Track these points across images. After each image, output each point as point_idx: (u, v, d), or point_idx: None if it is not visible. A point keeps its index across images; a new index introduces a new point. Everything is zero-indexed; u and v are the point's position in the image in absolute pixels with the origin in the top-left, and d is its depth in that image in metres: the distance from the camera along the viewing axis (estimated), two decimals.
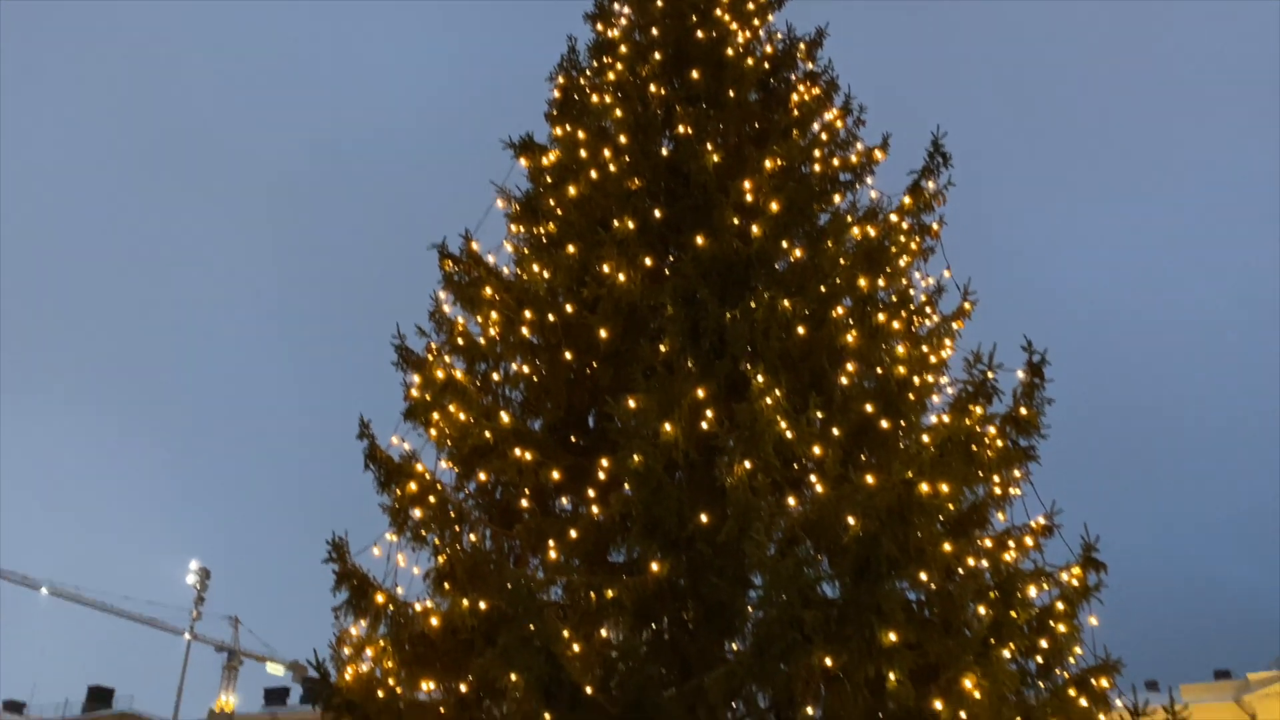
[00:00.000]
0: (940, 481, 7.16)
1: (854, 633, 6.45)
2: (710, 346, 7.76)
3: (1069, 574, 8.07)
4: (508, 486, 8.33)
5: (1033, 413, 8.32)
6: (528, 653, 6.31)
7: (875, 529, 6.65)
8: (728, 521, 7.07)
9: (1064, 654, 8.05)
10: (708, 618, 7.60)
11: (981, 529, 8.48)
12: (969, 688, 6.24)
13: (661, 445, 7.29)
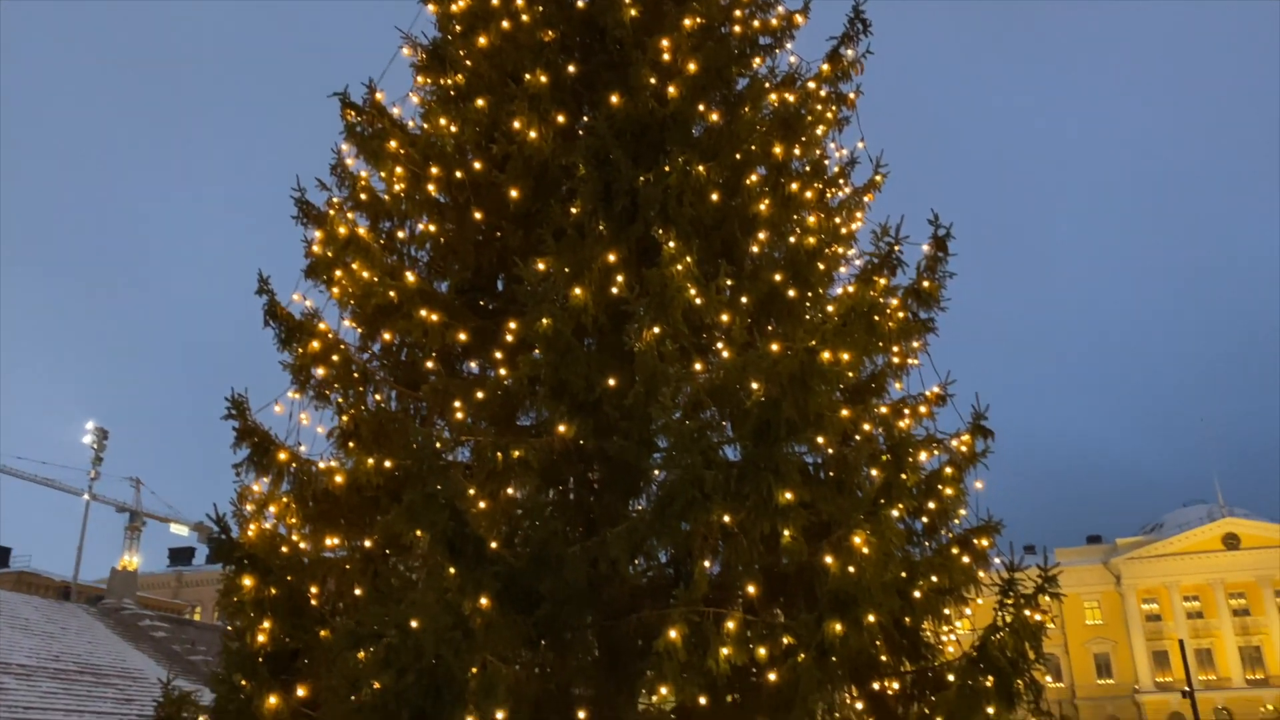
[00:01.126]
0: (842, 350, 7.32)
1: (752, 492, 6.66)
2: (622, 210, 7.66)
3: (958, 441, 8.45)
4: (413, 348, 8.24)
5: (934, 285, 8.52)
6: (433, 509, 6.36)
7: (777, 394, 6.80)
8: (635, 386, 7.14)
9: (949, 515, 8.50)
10: (613, 478, 7.76)
11: (879, 397, 8.77)
12: (858, 544, 6.53)
13: (570, 309, 7.26)
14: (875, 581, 6.65)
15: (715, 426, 7.40)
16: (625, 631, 7.11)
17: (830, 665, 6.45)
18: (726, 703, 7.05)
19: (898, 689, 7.66)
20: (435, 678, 5.62)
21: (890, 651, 7.86)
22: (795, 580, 7.43)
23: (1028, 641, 7.20)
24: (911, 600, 7.45)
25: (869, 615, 6.50)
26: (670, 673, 6.19)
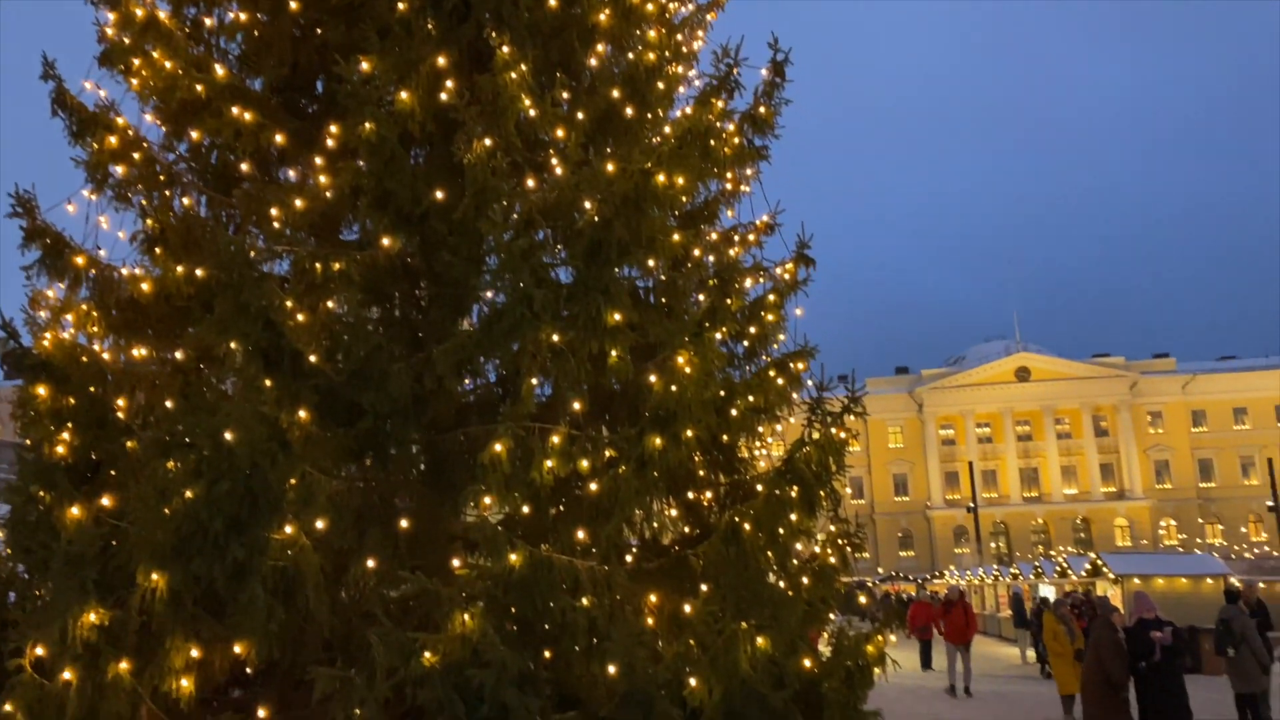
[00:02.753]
0: (677, 174, 7.28)
1: (581, 312, 6.68)
2: (453, 9, 7.18)
3: (782, 269, 8.69)
4: (224, 149, 7.65)
5: (770, 111, 8.53)
6: (245, 320, 6.09)
7: (610, 215, 6.75)
8: (465, 200, 6.92)
9: (769, 340, 8.83)
10: (440, 295, 7.60)
11: (710, 223, 8.85)
12: (681, 364, 6.71)
13: (396, 114, 6.87)
14: (695, 399, 6.89)
15: (547, 246, 7.32)
16: (451, 446, 7.16)
17: (649, 476, 6.72)
18: (550, 513, 7.29)
19: (711, 499, 8.11)
20: (250, 487, 5.52)
21: (707, 465, 8.28)
22: (621, 398, 7.62)
23: (831, 457, 7.69)
24: (729, 418, 7.79)
25: (687, 430, 6.76)
26: (494, 484, 6.30)
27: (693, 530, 8.18)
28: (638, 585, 7.25)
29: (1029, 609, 27.37)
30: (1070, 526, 72.64)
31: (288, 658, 6.13)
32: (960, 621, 18.45)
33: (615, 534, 6.97)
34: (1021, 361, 76.05)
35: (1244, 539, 66.16)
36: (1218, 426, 74.15)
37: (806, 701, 7.77)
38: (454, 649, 5.95)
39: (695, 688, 6.32)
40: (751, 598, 6.89)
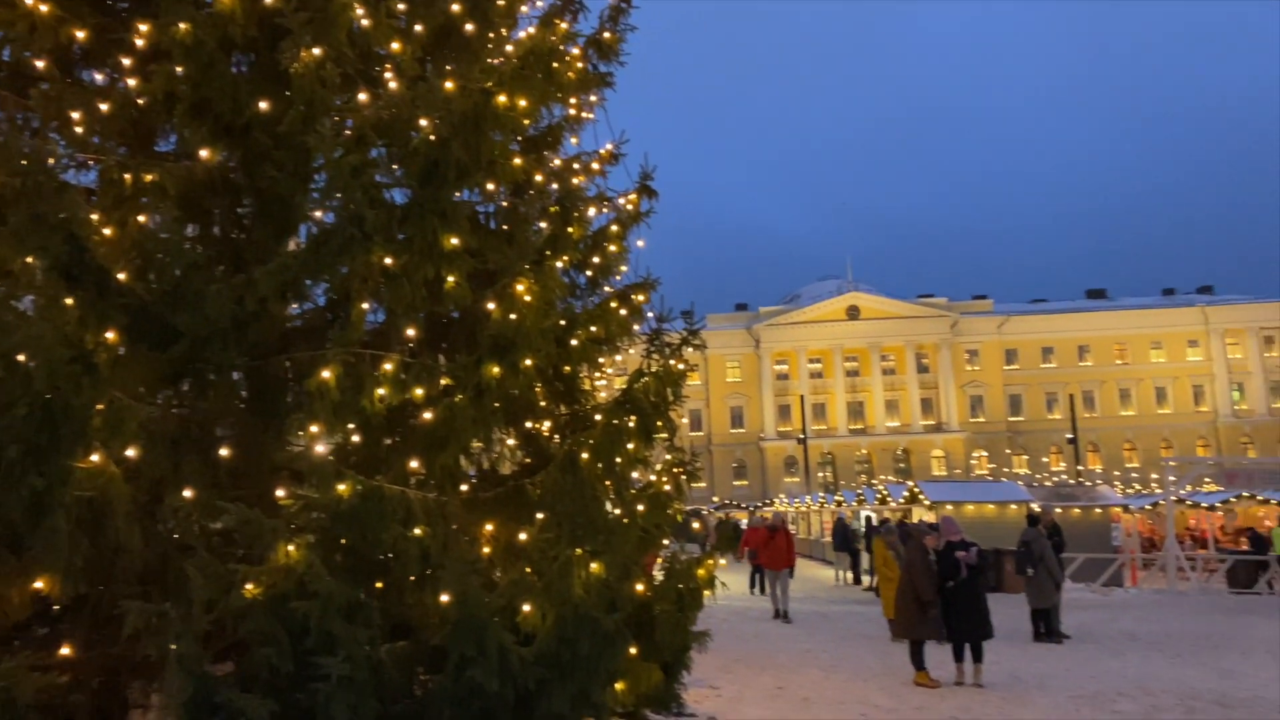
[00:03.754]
0: (519, 96, 7.07)
1: (416, 235, 6.46)
2: None
3: (625, 199, 8.65)
4: (18, 43, 6.93)
5: (615, 38, 8.39)
6: (44, 232, 5.59)
7: (448, 134, 6.51)
8: (291, 111, 6.53)
9: (611, 270, 8.81)
10: (265, 213, 7.18)
11: (553, 150, 8.69)
12: (521, 292, 6.61)
13: (216, 16, 6.39)
14: (535, 328, 6.80)
15: (381, 164, 7.01)
16: (276, 373, 6.85)
17: (486, 406, 6.63)
18: (383, 443, 7.10)
19: (551, 428, 8.10)
20: (50, 413, 5.12)
21: (548, 395, 8.24)
22: (458, 326, 7.46)
23: (669, 388, 7.80)
24: (570, 348, 7.76)
25: (526, 360, 6.68)
26: (322, 412, 6.07)
27: (532, 460, 8.16)
28: (474, 515, 7.20)
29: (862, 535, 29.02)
30: (892, 457, 76.87)
31: (98, 592, 5.80)
32: (782, 547, 18.71)
33: (451, 464, 6.87)
34: (852, 301, 79.22)
35: (1046, 468, 71.73)
36: (1027, 364, 79.65)
37: (639, 624, 7.96)
38: (278, 581, 5.75)
39: (528, 614, 6.34)
40: (587, 525, 6.95)
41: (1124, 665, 12.43)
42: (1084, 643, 14.70)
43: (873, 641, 14.08)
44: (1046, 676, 11.52)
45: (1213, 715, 9.29)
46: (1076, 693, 10.44)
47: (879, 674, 11.52)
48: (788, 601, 17.97)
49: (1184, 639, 15.18)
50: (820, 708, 9.49)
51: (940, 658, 11.18)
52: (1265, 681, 11.29)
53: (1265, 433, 76.56)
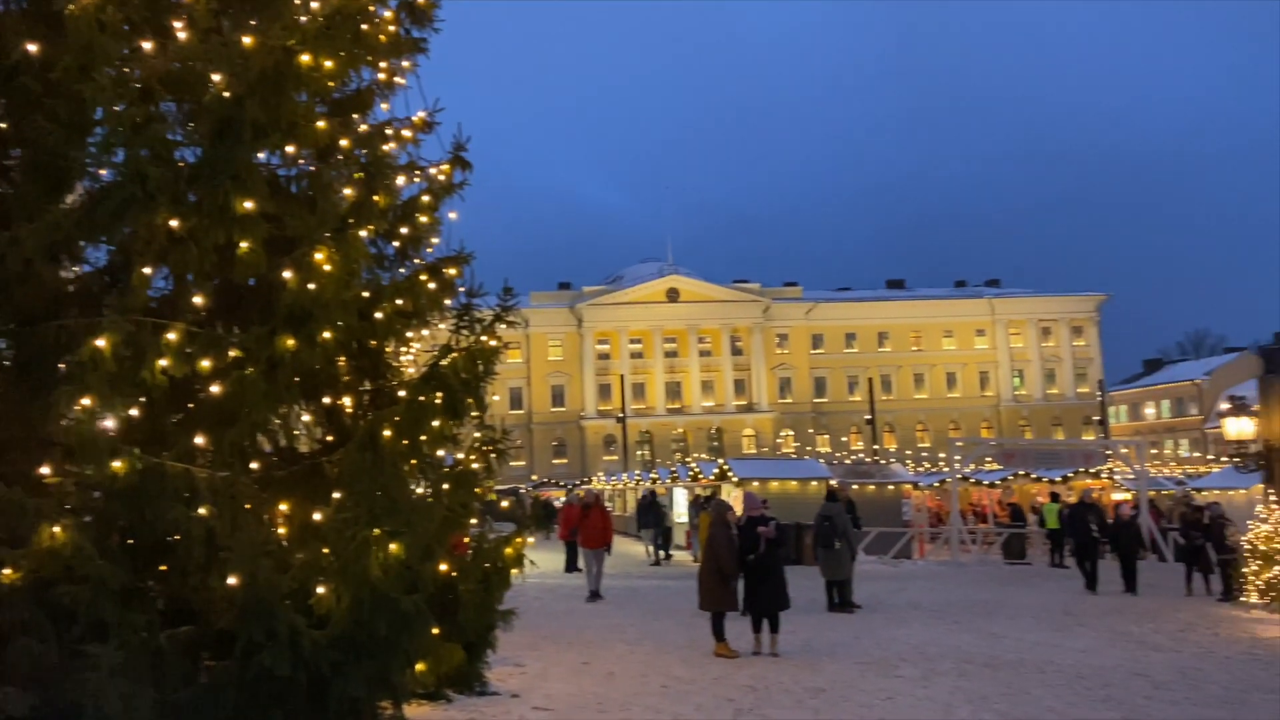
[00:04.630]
0: (324, 56, 6.77)
1: (206, 196, 6.10)
2: None
3: (438, 169, 8.45)
4: None
5: (429, 2, 8.17)
6: None
7: (243, 92, 6.16)
8: (65, 57, 6.01)
9: (422, 243, 8.59)
10: (35, 167, 6.59)
11: (362, 115, 8.38)
12: (320, 261, 6.35)
13: None
14: (335, 299, 6.57)
15: (169, 121, 6.56)
16: (45, 340, 6.32)
17: (280, 379, 6.35)
18: (168, 418, 6.69)
19: (353, 404, 7.84)
20: None
21: (351, 370, 7.96)
22: (252, 295, 7.08)
23: (480, 364, 7.69)
24: (374, 321, 7.53)
25: (325, 332, 6.44)
26: (96, 384, 5.65)
27: (334, 437, 7.88)
28: (267, 494, 6.89)
29: (666, 509, 29.72)
30: (706, 435, 79.13)
31: None
32: (597, 525, 18.19)
33: (241, 441, 6.55)
34: (672, 283, 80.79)
35: (846, 447, 75.57)
36: (832, 349, 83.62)
37: (443, 604, 7.86)
38: (43, 565, 5.34)
39: (323, 596, 6.15)
40: (388, 504, 6.78)
41: (908, 633, 13.28)
42: (874, 612, 15.59)
43: (679, 615, 14.46)
44: (837, 645, 12.17)
45: (982, 676, 10.06)
46: (863, 659, 11.07)
47: (682, 646, 11.84)
48: (600, 580, 17.62)
49: (962, 607, 16.36)
50: (623, 681, 9.66)
51: (741, 628, 11.61)
52: (1030, 644, 12.32)
53: (1041, 416, 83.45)
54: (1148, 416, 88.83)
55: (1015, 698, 9.00)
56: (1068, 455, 34.67)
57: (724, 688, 9.39)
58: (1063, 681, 9.81)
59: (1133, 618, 15.06)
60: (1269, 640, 12.76)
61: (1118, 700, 8.93)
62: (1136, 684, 9.72)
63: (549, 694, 8.91)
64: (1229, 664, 10.98)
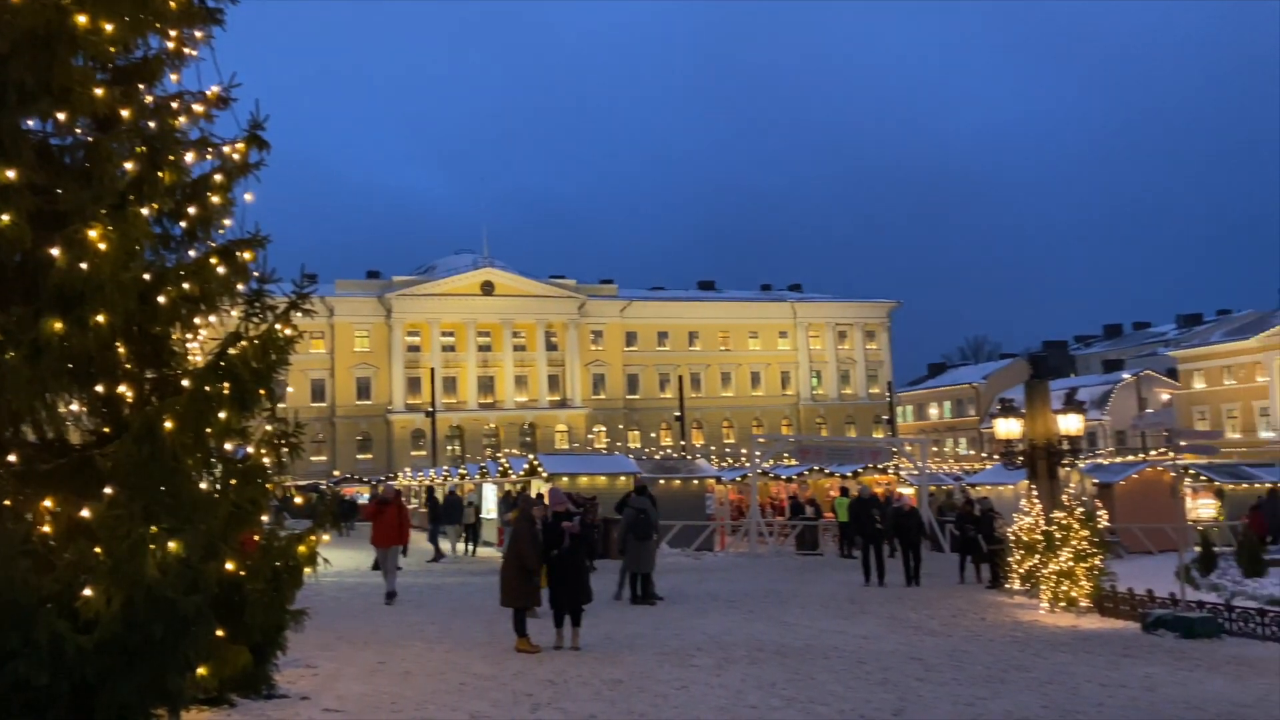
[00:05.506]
0: (103, 19, 6.32)
1: None
2: None
3: (233, 147, 8.01)
4: None
5: None
6: None
7: (6, 50, 5.65)
8: None
9: (213, 224, 8.11)
10: None
11: (149, 85, 7.83)
12: (94, 239, 5.91)
13: None
14: (112, 281, 6.13)
15: None
16: None
17: (46, 365, 5.87)
18: None
19: (132, 394, 7.33)
20: None
21: (132, 357, 7.44)
22: (16, 273, 6.51)
23: (273, 353, 7.36)
24: (156, 305, 7.07)
25: (98, 315, 6.00)
26: None
27: (110, 428, 7.34)
28: (29, 488, 6.36)
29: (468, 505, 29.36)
30: (519, 431, 78.70)
31: None
32: (392, 522, 16.82)
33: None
34: (487, 276, 79.86)
35: (655, 443, 77.06)
36: (645, 346, 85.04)
37: (229, 604, 7.46)
38: None
39: (91, 598, 5.73)
40: (168, 500, 6.40)
41: (706, 623, 13.70)
42: (675, 604, 15.99)
43: (482, 612, 14.34)
44: (637, 636, 12.40)
45: (772, 663, 10.51)
46: (662, 650, 11.34)
47: (483, 643, 11.75)
48: (394, 580, 16.59)
49: (757, 597, 17.03)
50: (420, 680, 9.49)
51: (544, 624, 11.64)
52: (818, 632, 12.97)
53: (836, 414, 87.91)
54: (932, 416, 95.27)
55: (801, 683, 9.45)
56: (858, 452, 36.73)
57: (523, 683, 9.39)
58: (845, 666, 10.38)
59: (911, 605, 16.11)
60: (1027, 623, 13.95)
61: (894, 683, 9.53)
62: (911, 667, 10.41)
63: (341, 695, 8.64)
64: (992, 646, 11.92)
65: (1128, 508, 26.41)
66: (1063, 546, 15.03)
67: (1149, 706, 8.42)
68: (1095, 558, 15.02)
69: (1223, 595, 14.72)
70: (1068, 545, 14.99)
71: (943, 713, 8.27)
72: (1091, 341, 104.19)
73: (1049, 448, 17.61)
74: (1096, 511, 16.23)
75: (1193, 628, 12.19)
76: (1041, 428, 17.83)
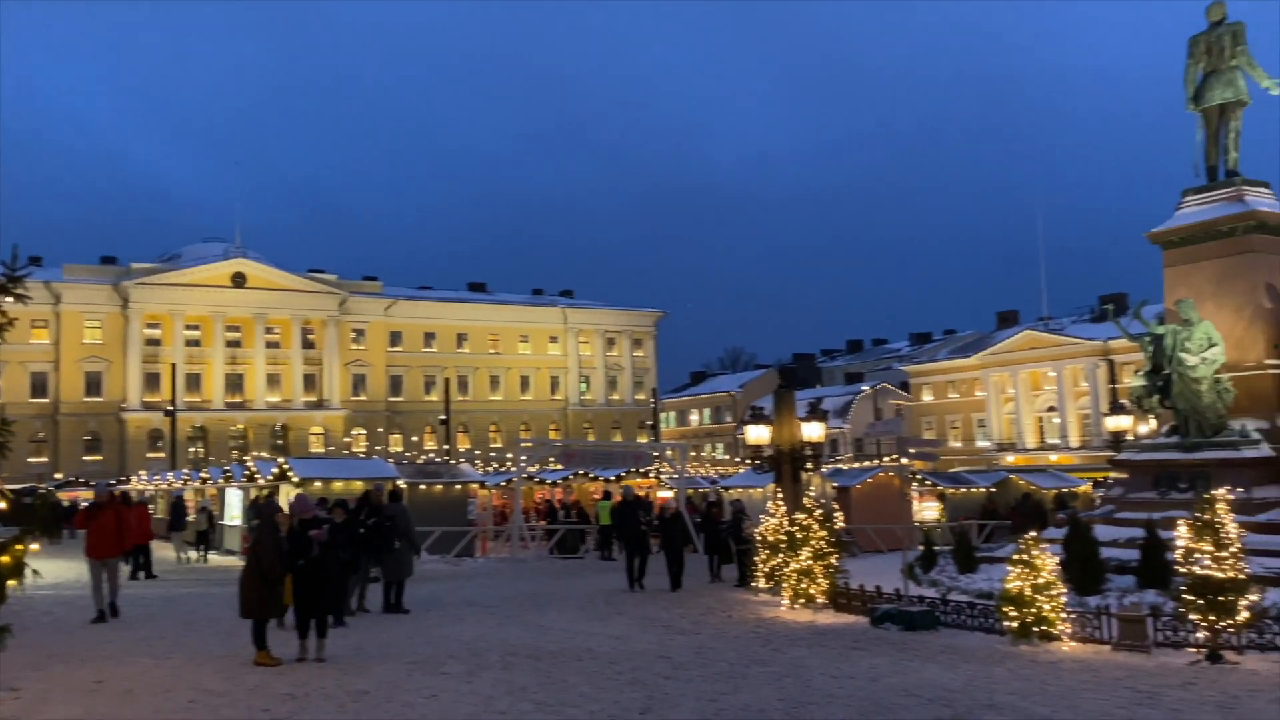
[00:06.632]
0: None
1: None
2: None
3: None
4: None
5: None
6: None
7: None
8: None
9: None
10: None
11: None
12: None
13: None
14: None
15: None
16: None
17: None
18: None
19: None
20: None
21: None
22: None
23: None
24: None
25: None
26: None
27: None
28: None
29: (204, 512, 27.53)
30: (270, 433, 74.53)
31: None
32: (110, 529, 14.66)
33: None
34: (239, 267, 75.18)
35: (419, 447, 75.37)
36: (411, 347, 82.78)
37: None
38: None
39: None
40: None
41: (460, 630, 13.48)
42: (429, 611, 15.65)
43: (219, 625, 13.44)
44: (388, 646, 12.02)
45: (525, 667, 10.48)
46: (412, 659, 11.04)
47: (219, 657, 11.01)
48: (117, 594, 14.79)
49: (515, 602, 16.97)
50: (144, 698, 8.75)
51: (287, 635, 11.05)
52: (572, 634, 13.07)
53: (603, 419, 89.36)
54: (693, 422, 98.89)
55: (553, 686, 9.48)
56: (621, 456, 37.48)
57: (261, 698, 8.87)
58: (597, 668, 10.51)
59: (664, 604, 16.59)
60: (770, 620, 14.69)
61: (643, 682, 9.74)
62: (660, 665, 10.69)
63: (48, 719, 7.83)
64: (737, 642, 12.46)
65: (863, 509, 28.42)
66: (803, 546, 15.93)
67: (873, 695, 9.06)
68: (832, 556, 16.01)
69: (940, 590, 16.10)
70: (808, 545, 15.90)
71: (687, 709, 8.54)
72: (836, 355, 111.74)
73: (793, 453, 18.68)
74: (834, 513, 17.35)
75: (913, 621, 13.24)
76: (788, 434, 18.90)
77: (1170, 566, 12.35)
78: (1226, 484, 13.78)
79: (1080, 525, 15.56)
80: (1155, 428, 19.27)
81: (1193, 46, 18.45)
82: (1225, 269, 17.53)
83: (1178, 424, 17.36)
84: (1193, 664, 10.37)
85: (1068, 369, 70.25)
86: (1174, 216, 18.46)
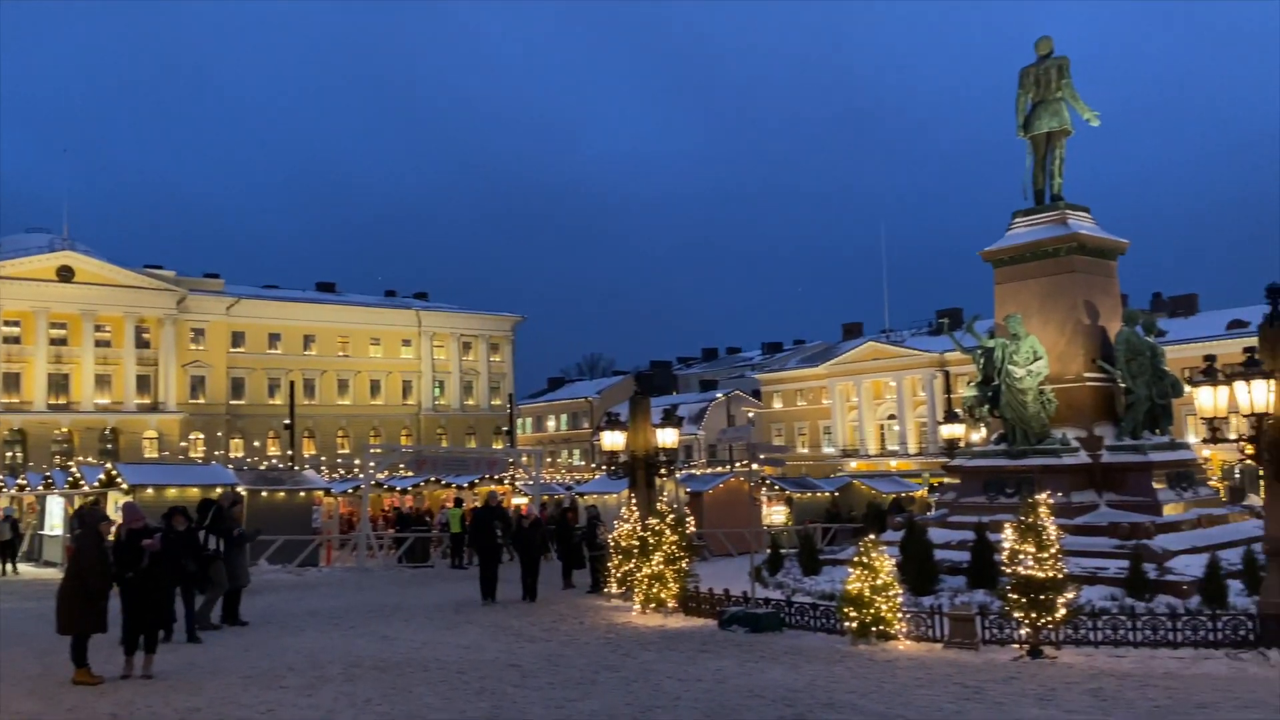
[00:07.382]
0: None
1: None
2: None
3: None
4: None
5: None
6: None
7: None
8: None
9: None
10: None
11: None
12: None
13: None
14: None
15: None
16: None
17: None
18: None
19: None
20: None
21: None
22: None
23: None
24: None
25: None
26: None
27: None
28: None
29: None
30: (98, 437, 70.02)
31: None
32: None
33: None
34: (66, 260, 70.36)
35: (261, 452, 72.33)
36: (254, 348, 79.18)
37: None
38: None
39: None
40: None
41: (300, 641, 12.99)
42: (269, 623, 15.02)
43: (34, 641, 12.52)
44: (222, 660, 11.46)
45: (369, 679, 10.18)
46: (249, 673, 10.56)
47: (34, 676, 10.25)
48: None
49: (360, 612, 16.47)
50: None
51: (111, 652, 10.39)
52: (419, 644, 12.79)
53: (458, 425, 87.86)
54: (550, 428, 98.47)
55: (398, 697, 9.24)
56: (475, 462, 36.91)
57: (80, 718, 8.30)
58: (444, 678, 10.31)
59: (515, 612, 16.43)
60: (621, 625, 14.76)
61: (490, 691, 9.61)
62: (509, 674, 10.57)
63: None
64: (588, 649, 12.46)
65: (714, 514, 28.95)
66: (655, 551, 16.08)
67: (719, 697, 9.21)
68: (683, 561, 16.23)
69: (785, 592, 16.56)
70: (660, 550, 16.07)
71: (535, 717, 8.47)
72: (692, 363, 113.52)
73: (648, 459, 18.84)
74: (686, 518, 17.59)
75: (760, 623, 13.57)
76: (642, 440, 19.05)
77: (998, 567, 13.06)
78: (1048, 489, 14.67)
79: (916, 528, 16.31)
80: (986, 436, 20.40)
81: (1023, 77, 19.69)
82: (1049, 287, 18.73)
83: (1006, 432, 18.42)
84: (1016, 659, 11.02)
85: (907, 379, 73.51)
86: (1005, 236, 19.62)
